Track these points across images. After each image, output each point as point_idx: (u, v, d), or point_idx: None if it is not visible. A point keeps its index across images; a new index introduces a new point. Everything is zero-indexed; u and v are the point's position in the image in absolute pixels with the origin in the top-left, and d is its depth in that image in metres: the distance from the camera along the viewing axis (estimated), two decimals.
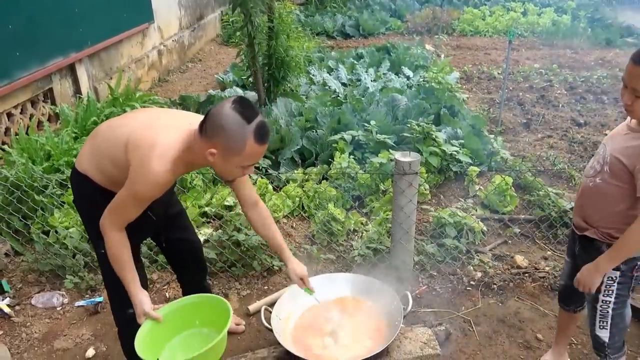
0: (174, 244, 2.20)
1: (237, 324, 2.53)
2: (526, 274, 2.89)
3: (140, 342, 1.73)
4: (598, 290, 1.81)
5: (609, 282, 1.80)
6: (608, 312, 1.83)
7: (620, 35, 9.38)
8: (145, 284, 1.96)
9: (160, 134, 1.65)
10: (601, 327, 1.86)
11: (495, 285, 2.81)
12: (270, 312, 2.22)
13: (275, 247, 2.09)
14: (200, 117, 1.74)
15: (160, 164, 1.59)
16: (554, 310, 2.63)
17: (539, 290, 2.78)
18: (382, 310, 2.26)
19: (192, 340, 1.89)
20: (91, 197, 1.82)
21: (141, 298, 1.78)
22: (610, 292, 1.81)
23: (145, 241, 2.72)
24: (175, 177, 1.72)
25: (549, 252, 3.11)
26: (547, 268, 2.94)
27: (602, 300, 1.83)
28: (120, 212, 1.69)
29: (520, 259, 3.00)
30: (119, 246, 1.73)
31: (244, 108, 1.58)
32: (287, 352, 2.11)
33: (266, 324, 2.15)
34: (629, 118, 1.75)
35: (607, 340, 1.86)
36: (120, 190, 1.67)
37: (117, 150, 1.69)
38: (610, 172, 1.72)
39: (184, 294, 2.38)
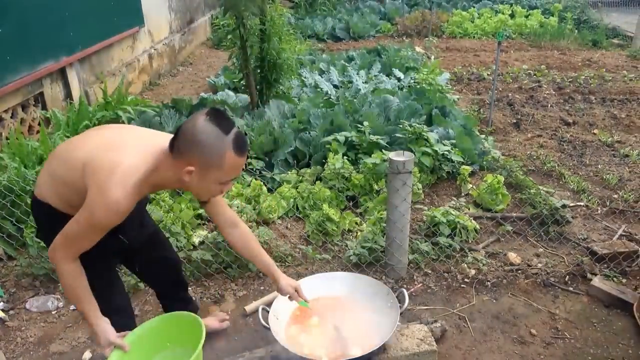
0: (152, 264, 2.11)
1: (221, 321, 2.48)
2: (519, 271, 2.93)
3: None
4: None
5: None
6: None
7: (606, 36, 9.53)
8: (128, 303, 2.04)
9: (120, 156, 1.53)
10: None
11: (489, 282, 2.85)
12: (268, 312, 2.23)
13: (262, 265, 2.04)
14: (166, 135, 1.67)
15: (121, 189, 1.48)
16: (547, 306, 2.68)
17: (532, 286, 2.82)
18: (378, 308, 2.28)
19: None
20: (57, 225, 1.64)
21: (104, 327, 1.69)
22: None
23: None
24: (137, 200, 1.60)
25: (541, 249, 3.15)
26: (539, 265, 2.98)
27: None
28: (74, 242, 1.58)
29: (513, 256, 3.04)
30: (74, 277, 1.63)
31: (219, 119, 1.52)
32: (285, 351, 2.12)
33: (264, 323, 2.16)
34: None
35: None
36: (73, 218, 1.55)
37: (74, 174, 1.57)
38: None
39: (164, 307, 2.35)
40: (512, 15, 10.79)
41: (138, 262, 2.09)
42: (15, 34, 4.10)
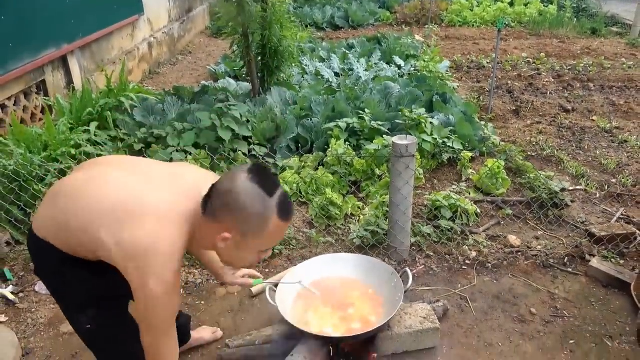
0: None
1: (214, 332, 2.40)
2: (519, 253, 2.99)
3: None
4: None
5: None
6: None
7: (605, 24, 9.55)
8: None
9: (153, 228, 1.28)
10: None
11: (489, 264, 2.90)
12: (275, 291, 2.28)
13: (212, 264, 1.88)
14: (187, 172, 1.48)
15: (166, 270, 1.27)
16: (547, 286, 2.74)
17: (531, 267, 2.88)
18: (383, 287, 2.33)
19: None
20: (61, 268, 1.48)
21: None
22: None
23: None
24: None
25: (540, 232, 3.21)
26: (539, 247, 3.04)
27: None
28: (156, 343, 1.40)
29: (513, 239, 3.10)
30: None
31: (263, 178, 1.30)
32: (292, 329, 2.17)
33: (272, 302, 2.21)
34: None
35: None
36: (141, 330, 1.39)
37: (89, 238, 1.35)
38: None
39: None
40: (511, 4, 10.78)
41: None
42: (18, 21, 4.10)
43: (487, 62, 7.08)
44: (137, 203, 1.33)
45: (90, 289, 1.53)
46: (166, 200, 1.34)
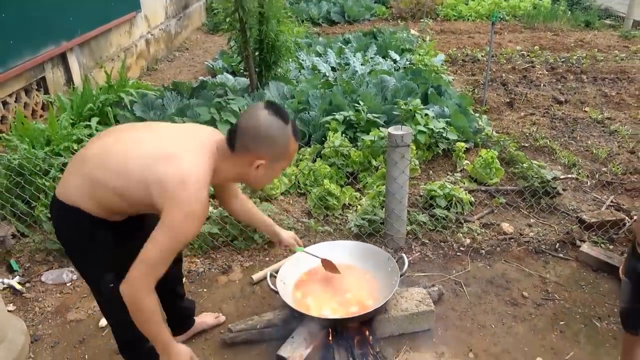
0: None
1: (217, 317, 2.49)
2: (512, 240, 3.08)
3: None
4: None
5: None
6: None
7: (599, 17, 9.63)
8: None
9: (184, 164, 1.51)
10: None
11: (483, 250, 2.99)
12: (276, 277, 2.36)
13: (263, 223, 2.17)
14: (200, 128, 1.71)
15: (199, 200, 1.48)
16: (538, 271, 2.83)
17: (524, 253, 2.97)
18: (379, 272, 2.42)
19: None
20: (89, 231, 1.64)
21: (179, 349, 1.63)
22: None
23: None
24: None
25: (532, 220, 3.29)
26: (531, 233, 3.13)
27: None
28: (157, 266, 1.50)
29: (506, 226, 3.19)
30: (155, 308, 1.54)
31: (278, 111, 1.60)
32: (292, 314, 2.26)
33: (273, 287, 2.29)
34: None
35: None
36: (153, 242, 1.49)
37: (134, 186, 1.53)
38: None
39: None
40: None
41: None
42: (18, 19, 4.15)
43: (482, 56, 7.16)
44: (164, 149, 1.56)
45: (117, 249, 1.68)
46: (188, 144, 1.59)
